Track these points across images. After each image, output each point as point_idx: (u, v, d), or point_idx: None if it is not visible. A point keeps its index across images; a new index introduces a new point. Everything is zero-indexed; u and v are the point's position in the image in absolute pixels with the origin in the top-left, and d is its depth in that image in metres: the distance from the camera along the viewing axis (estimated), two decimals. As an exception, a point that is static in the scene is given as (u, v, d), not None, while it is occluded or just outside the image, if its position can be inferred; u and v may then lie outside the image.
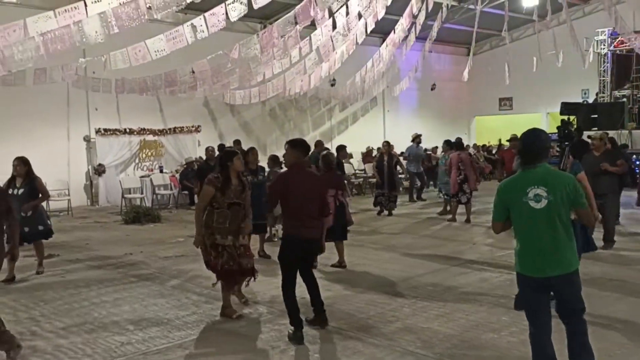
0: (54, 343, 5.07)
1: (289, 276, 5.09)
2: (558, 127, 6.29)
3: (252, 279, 5.82)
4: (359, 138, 20.64)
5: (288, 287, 5.06)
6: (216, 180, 5.44)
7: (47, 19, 8.24)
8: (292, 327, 5.02)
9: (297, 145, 5.23)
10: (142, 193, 14.97)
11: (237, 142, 15.59)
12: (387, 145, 12.97)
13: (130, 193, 14.79)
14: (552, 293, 3.79)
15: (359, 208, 13.51)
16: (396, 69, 17.04)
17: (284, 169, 9.84)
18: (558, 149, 6.39)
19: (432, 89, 23.63)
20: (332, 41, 10.89)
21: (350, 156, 19.95)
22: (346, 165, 18.68)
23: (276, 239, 7.89)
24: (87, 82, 13.19)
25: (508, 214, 3.79)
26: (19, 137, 14.00)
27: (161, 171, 15.78)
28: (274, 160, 9.49)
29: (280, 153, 13.96)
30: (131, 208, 13.32)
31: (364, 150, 20.23)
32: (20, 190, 7.40)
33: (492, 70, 21.43)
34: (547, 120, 23.79)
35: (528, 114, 24.10)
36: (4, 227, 4.83)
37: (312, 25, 11.48)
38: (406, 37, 13.33)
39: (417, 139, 15.74)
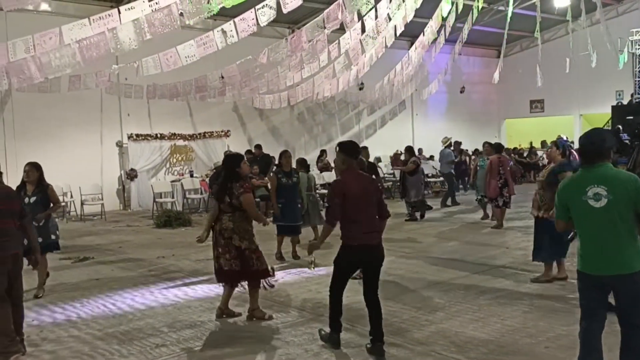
0: (91, 344, 5.14)
1: (339, 281, 4.89)
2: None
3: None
4: (388, 142, 20.59)
5: (336, 290, 4.89)
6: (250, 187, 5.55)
7: (81, 27, 8.43)
8: (330, 329, 4.94)
9: (343, 149, 4.96)
10: (173, 197, 15.16)
11: (258, 147, 15.61)
12: (407, 152, 12.88)
13: (161, 197, 14.99)
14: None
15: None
16: (425, 72, 16.93)
17: (310, 172, 9.81)
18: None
19: (461, 92, 23.44)
20: (361, 44, 10.87)
21: (379, 160, 19.91)
22: (375, 169, 18.66)
23: (313, 268, 7.66)
24: (119, 88, 13.46)
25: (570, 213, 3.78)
26: (54, 142, 14.34)
27: (191, 176, 15.97)
28: (301, 163, 9.52)
29: (309, 157, 14.07)
30: (162, 212, 13.49)
31: (392, 154, 20.14)
32: (32, 198, 6.74)
33: (523, 72, 21.17)
34: (580, 122, 23.35)
35: (560, 117, 23.71)
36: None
37: (341, 29, 11.52)
38: (435, 39, 13.25)
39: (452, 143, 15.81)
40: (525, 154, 21.92)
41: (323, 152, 18.04)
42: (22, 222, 4.92)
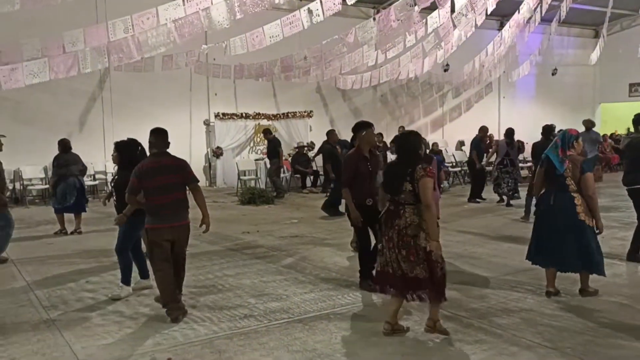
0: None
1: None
2: None
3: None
4: (473, 126, 19.96)
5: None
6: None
7: (176, 7, 8.74)
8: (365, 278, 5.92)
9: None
10: (256, 175, 15.51)
11: (267, 132, 15.07)
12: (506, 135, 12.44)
13: (245, 175, 15.38)
14: None
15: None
16: (516, 52, 16.21)
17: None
18: None
19: (553, 74, 22.30)
20: (453, 23, 10.54)
21: (462, 144, 19.42)
22: (458, 153, 18.26)
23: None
24: (208, 68, 13.86)
25: None
26: (147, 120, 14.94)
27: (274, 155, 16.23)
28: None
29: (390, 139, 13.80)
30: (246, 189, 13.84)
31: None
32: None
33: (623, 53, 19.82)
34: (685, 107, 21.64)
35: (663, 101, 22.10)
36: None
37: (428, 8, 11.24)
38: (530, 17, 12.62)
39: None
40: (621, 141, 20.60)
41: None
42: (190, 188, 5.40)
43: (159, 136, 5.43)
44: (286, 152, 16.48)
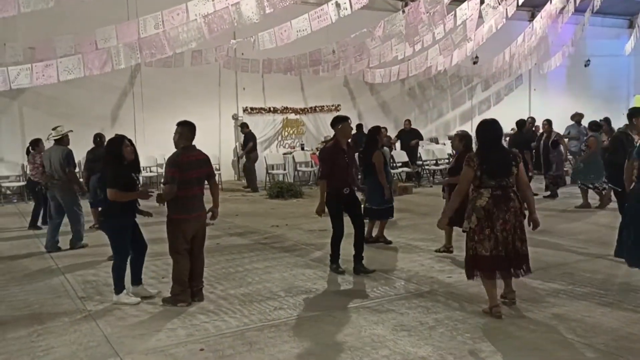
0: (215, 303, 5.46)
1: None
2: None
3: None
4: (502, 119, 19.59)
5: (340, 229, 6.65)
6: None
7: (205, 2, 8.81)
8: (334, 264, 6.42)
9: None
10: (284, 169, 15.58)
11: (245, 125, 14.95)
12: (548, 124, 12.31)
13: (273, 169, 15.46)
14: None
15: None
16: (548, 44, 15.91)
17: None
18: None
19: (585, 65, 21.84)
20: (480, 15, 10.41)
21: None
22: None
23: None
24: (237, 62, 13.94)
25: None
26: (177, 114, 15.09)
27: (302, 149, 16.31)
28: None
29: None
30: (275, 183, 13.92)
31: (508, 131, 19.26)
32: None
33: (659, 43, 19.25)
34: None
35: (700, 92, 21.46)
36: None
37: (458, 0, 11.11)
38: (563, 8, 12.36)
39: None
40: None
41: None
42: (210, 182, 5.71)
43: (190, 128, 5.67)
44: (314, 145, 16.51)
